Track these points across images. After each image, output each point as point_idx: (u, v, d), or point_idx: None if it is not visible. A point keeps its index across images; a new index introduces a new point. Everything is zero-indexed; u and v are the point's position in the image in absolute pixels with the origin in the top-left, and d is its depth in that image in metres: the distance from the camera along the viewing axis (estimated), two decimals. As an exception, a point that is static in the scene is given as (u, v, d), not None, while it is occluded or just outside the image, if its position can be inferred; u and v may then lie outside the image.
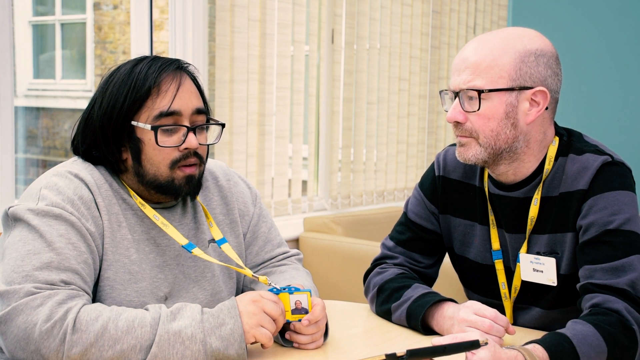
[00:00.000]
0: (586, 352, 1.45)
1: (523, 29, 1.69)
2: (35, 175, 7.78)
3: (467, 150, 1.68)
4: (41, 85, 8.62)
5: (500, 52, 1.63)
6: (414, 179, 4.35)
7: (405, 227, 1.89)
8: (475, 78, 1.63)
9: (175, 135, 1.55)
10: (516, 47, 1.63)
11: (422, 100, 4.37)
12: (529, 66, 1.63)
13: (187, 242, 1.57)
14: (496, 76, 1.62)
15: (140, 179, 1.56)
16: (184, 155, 1.55)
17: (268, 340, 1.43)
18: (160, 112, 1.53)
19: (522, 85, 1.63)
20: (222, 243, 1.65)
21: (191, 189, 1.58)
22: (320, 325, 1.54)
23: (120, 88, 1.54)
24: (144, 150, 1.54)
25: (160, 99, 1.53)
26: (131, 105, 1.53)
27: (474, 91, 1.63)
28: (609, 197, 1.61)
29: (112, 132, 1.54)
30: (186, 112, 1.55)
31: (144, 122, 1.53)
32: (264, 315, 1.43)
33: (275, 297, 1.47)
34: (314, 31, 3.68)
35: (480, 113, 1.64)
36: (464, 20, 4.66)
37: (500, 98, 1.63)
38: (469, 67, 1.64)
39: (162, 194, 1.58)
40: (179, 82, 1.55)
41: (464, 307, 1.60)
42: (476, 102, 1.63)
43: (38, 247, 1.41)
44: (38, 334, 1.33)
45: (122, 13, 8.15)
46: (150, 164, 1.55)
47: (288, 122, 3.50)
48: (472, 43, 1.68)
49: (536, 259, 1.69)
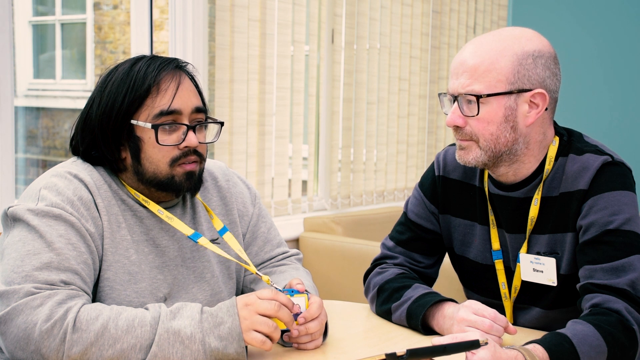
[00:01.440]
0: (586, 352, 1.45)
1: (520, 29, 1.68)
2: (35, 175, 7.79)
3: (467, 154, 1.68)
4: (41, 85, 8.63)
5: (497, 55, 1.62)
6: (414, 179, 4.35)
7: (405, 227, 1.89)
8: (473, 82, 1.63)
9: (175, 134, 1.55)
10: (513, 50, 1.62)
11: (422, 100, 4.37)
12: (527, 68, 1.62)
13: (192, 232, 1.57)
14: (494, 80, 1.62)
15: (140, 178, 1.56)
16: (184, 154, 1.55)
17: (261, 344, 1.41)
18: (161, 111, 1.53)
19: (520, 88, 1.62)
20: (224, 232, 1.65)
21: (192, 185, 1.58)
22: (321, 321, 1.53)
23: (119, 87, 1.54)
24: (143, 149, 1.54)
25: (160, 97, 1.53)
26: (130, 104, 1.53)
27: (473, 96, 1.62)
28: (609, 197, 1.61)
29: (112, 131, 1.54)
30: (186, 110, 1.55)
31: (144, 121, 1.53)
32: (256, 318, 1.41)
33: (272, 293, 1.44)
34: (314, 31, 3.68)
35: (479, 117, 1.63)
36: (464, 20, 4.66)
37: (499, 102, 1.63)
38: (467, 71, 1.64)
39: (163, 191, 1.58)
40: (178, 80, 1.56)
41: (463, 307, 1.60)
42: (475, 107, 1.63)
43: (38, 248, 1.41)
44: (38, 333, 1.33)
45: (122, 13, 8.15)
46: (150, 162, 1.55)
47: (288, 122, 3.50)
48: (469, 45, 1.67)
49: (536, 259, 1.69)
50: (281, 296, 1.45)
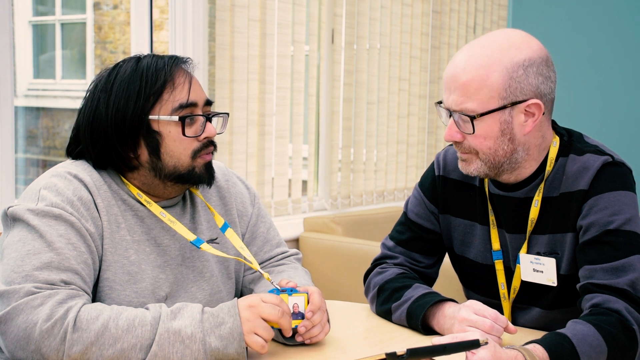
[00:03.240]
0: (586, 352, 1.45)
1: (507, 35, 1.64)
2: (35, 175, 7.78)
3: (468, 165, 1.68)
4: (41, 85, 8.62)
5: (487, 72, 1.59)
6: (414, 179, 4.35)
7: (405, 227, 1.89)
8: (465, 100, 1.61)
9: (194, 126, 1.57)
10: (503, 63, 1.59)
11: (422, 100, 4.37)
12: (518, 80, 1.59)
13: (195, 238, 1.58)
14: (486, 97, 1.60)
15: (158, 173, 1.56)
16: (204, 145, 1.58)
17: (260, 348, 1.42)
18: (180, 104, 1.55)
19: (513, 101, 1.60)
20: (226, 229, 1.66)
21: (210, 175, 1.61)
22: (323, 310, 1.55)
23: (130, 85, 1.53)
24: (163, 144, 1.55)
25: (178, 91, 1.55)
26: (146, 100, 1.53)
27: (467, 116, 1.61)
28: (610, 198, 1.61)
29: (129, 129, 1.53)
30: (200, 102, 1.58)
31: (165, 115, 1.54)
32: (259, 322, 1.42)
33: (277, 299, 1.46)
34: (314, 31, 3.68)
35: (475, 135, 1.63)
36: (464, 20, 4.66)
37: (494, 118, 1.61)
38: (459, 88, 1.61)
39: (182, 184, 1.59)
40: (189, 75, 1.59)
41: (464, 307, 1.60)
42: (470, 125, 1.62)
43: (38, 247, 1.41)
44: (38, 333, 1.33)
45: (122, 13, 8.15)
46: (170, 156, 1.55)
47: (288, 122, 3.50)
48: (459, 56, 1.64)
49: (536, 259, 1.69)
50: (284, 304, 1.46)
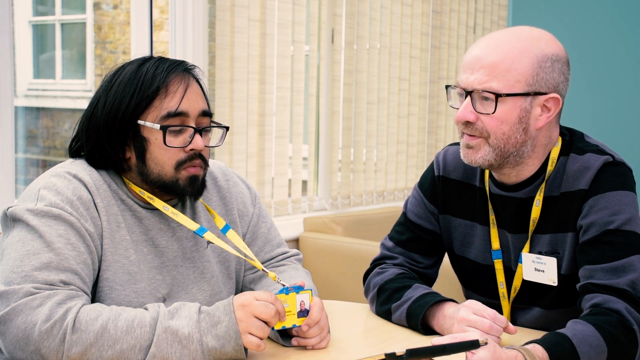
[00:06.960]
0: (586, 352, 1.45)
1: (538, 30, 1.66)
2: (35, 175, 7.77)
3: (475, 153, 1.66)
4: (41, 85, 8.62)
5: (519, 55, 1.59)
6: (414, 179, 4.35)
7: (404, 227, 1.89)
8: (491, 79, 1.60)
9: (182, 136, 1.55)
10: (534, 51, 1.60)
11: (422, 100, 4.37)
12: (546, 72, 1.61)
13: (198, 227, 1.58)
14: (513, 80, 1.59)
15: (144, 178, 1.56)
16: (190, 157, 1.55)
17: (256, 347, 1.41)
18: (168, 112, 1.53)
19: (537, 91, 1.61)
20: (227, 230, 1.65)
21: (195, 190, 1.58)
22: (323, 324, 1.54)
23: (127, 87, 1.54)
24: (149, 150, 1.54)
25: (169, 99, 1.53)
26: (138, 104, 1.52)
27: (491, 94, 1.60)
28: (610, 197, 1.61)
29: (117, 130, 1.53)
30: (193, 113, 1.55)
31: (152, 122, 1.53)
32: (252, 321, 1.41)
33: (271, 297, 1.45)
34: (314, 31, 3.68)
35: (494, 116, 1.61)
36: (464, 20, 4.66)
37: (515, 102, 1.61)
38: (485, 67, 1.60)
39: (167, 194, 1.58)
40: (186, 83, 1.56)
41: (463, 307, 1.60)
42: (491, 105, 1.60)
43: (37, 248, 1.41)
44: (38, 334, 1.33)
45: (122, 13, 8.15)
46: (155, 163, 1.55)
47: (288, 122, 3.50)
48: (485, 41, 1.63)
49: (538, 258, 1.69)
50: (278, 302, 1.45)
